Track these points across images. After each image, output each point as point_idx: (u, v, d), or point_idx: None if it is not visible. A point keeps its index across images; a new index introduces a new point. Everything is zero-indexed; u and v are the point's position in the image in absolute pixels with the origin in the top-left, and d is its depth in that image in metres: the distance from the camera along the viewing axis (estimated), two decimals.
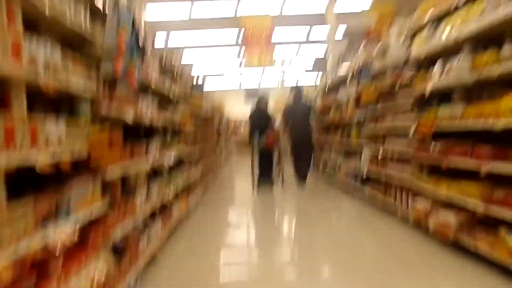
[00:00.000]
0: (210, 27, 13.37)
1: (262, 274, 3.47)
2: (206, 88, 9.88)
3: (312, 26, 13.56)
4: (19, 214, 1.58)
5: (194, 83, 6.88)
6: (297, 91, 8.27)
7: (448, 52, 3.81)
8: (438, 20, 3.98)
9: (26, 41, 1.76)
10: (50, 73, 1.89)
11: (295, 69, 19.88)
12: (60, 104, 2.31)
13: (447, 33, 3.68)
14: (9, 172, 1.55)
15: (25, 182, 2.01)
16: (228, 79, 21.06)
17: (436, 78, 3.86)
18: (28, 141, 1.69)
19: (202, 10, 11.63)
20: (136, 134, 4.16)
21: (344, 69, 7.50)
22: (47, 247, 1.73)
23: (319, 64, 16.47)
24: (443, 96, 4.05)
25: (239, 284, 3.26)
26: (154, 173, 4.34)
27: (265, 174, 8.25)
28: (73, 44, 2.46)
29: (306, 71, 20.36)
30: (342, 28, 12.03)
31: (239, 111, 22.87)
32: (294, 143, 8.08)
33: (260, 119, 8.11)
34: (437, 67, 3.86)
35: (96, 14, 2.59)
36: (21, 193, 1.86)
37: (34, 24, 2.09)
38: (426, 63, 4.26)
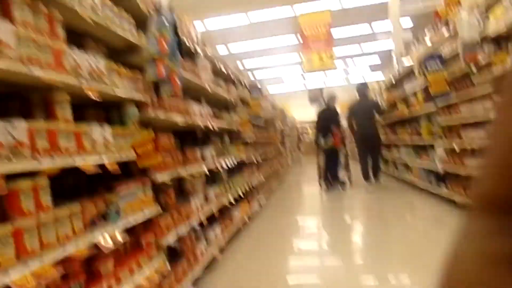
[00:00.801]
0: (269, 34, 13.39)
1: (332, 279, 3.26)
2: (267, 92, 9.89)
3: (371, 23, 12.86)
4: (66, 215, 1.63)
5: (253, 86, 6.89)
6: (362, 88, 7.93)
7: None
8: None
9: (71, 51, 1.84)
10: (95, 80, 1.96)
11: (358, 66, 19.08)
12: (110, 113, 2.40)
13: None
14: (56, 175, 1.60)
15: (77, 186, 2.10)
16: (291, 82, 20.92)
17: None
18: (74, 145, 1.75)
19: (260, 16, 11.66)
20: (193, 140, 4.25)
21: (410, 58, 6.91)
22: (96, 248, 1.77)
23: (384, 59, 15.54)
24: None
25: None
26: (213, 178, 4.38)
27: (332, 175, 8.06)
28: (120, 53, 2.56)
29: (370, 67, 19.42)
30: (406, 20, 11.19)
31: (304, 113, 22.59)
32: (360, 142, 7.72)
33: (326, 120, 7.96)
34: None
35: (141, 23, 2.67)
36: (73, 196, 1.95)
37: (79, 34, 2.20)
38: (506, 39, 3.71)
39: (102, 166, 1.93)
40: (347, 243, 4.39)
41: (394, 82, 8.25)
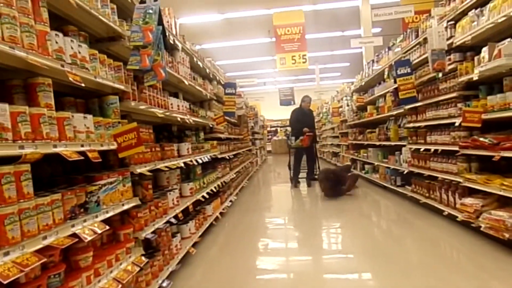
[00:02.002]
0: (244, 36, 13.38)
1: (297, 274, 3.33)
2: (240, 90, 9.91)
3: (344, 31, 13.24)
4: (47, 204, 1.57)
5: (228, 84, 6.87)
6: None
7: (498, 35, 3.50)
8: (482, 3, 3.67)
9: (54, 35, 1.77)
10: (77, 65, 1.89)
11: (329, 68, 19.52)
12: (90, 102, 2.32)
13: (496, 14, 3.36)
14: (33, 164, 1.54)
15: (59, 176, 2.03)
16: (263, 82, 21.01)
17: (484, 63, 3.54)
18: (56, 132, 1.69)
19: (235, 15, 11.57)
20: (169, 135, 4.20)
21: (381, 63, 7.18)
22: (77, 238, 1.71)
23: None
24: (492, 83, 3.73)
25: (274, 281, 3.14)
26: (187, 172, 4.34)
27: (297, 173, 8.34)
28: (101, 41, 2.49)
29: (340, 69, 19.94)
30: (377, 29, 11.63)
31: (275, 112, 22.86)
32: None
33: (298, 121, 8.16)
34: (485, 51, 3.55)
35: (123, 12, 2.61)
36: (54, 186, 1.88)
37: (60, 18, 2.12)
38: (471, 49, 3.96)
39: (82, 155, 1.87)
40: (312, 239, 4.49)
41: (364, 85, 8.52)
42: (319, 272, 3.34)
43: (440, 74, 4.54)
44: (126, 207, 2.30)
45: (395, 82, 5.73)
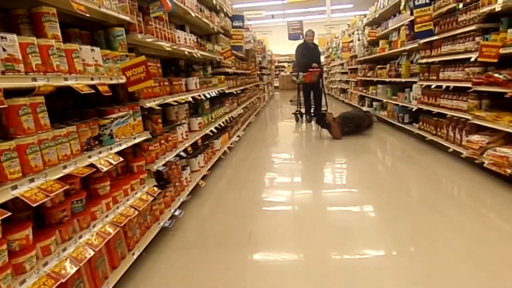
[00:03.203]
0: None
1: (301, 206, 3.51)
2: (247, 23, 9.50)
3: None
4: (64, 136, 1.63)
5: (236, 16, 6.57)
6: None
7: None
8: None
9: None
10: None
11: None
12: (96, 34, 2.27)
13: None
14: (50, 93, 1.56)
15: (71, 110, 2.07)
16: (272, 14, 19.99)
17: None
18: (65, 65, 1.69)
19: None
20: (176, 70, 4.14)
21: None
22: (94, 169, 1.80)
23: None
24: None
25: (280, 212, 3.32)
26: (195, 107, 4.36)
27: (308, 108, 8.42)
28: None
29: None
30: None
31: (283, 47, 22.09)
32: None
33: (304, 57, 7.99)
34: None
35: None
36: (67, 119, 1.93)
37: None
38: None
39: (92, 88, 1.88)
40: (317, 174, 4.63)
41: (378, 18, 8.09)
42: (323, 204, 3.50)
43: (461, 5, 4.28)
44: (137, 140, 2.36)
45: (411, 13, 5.43)
